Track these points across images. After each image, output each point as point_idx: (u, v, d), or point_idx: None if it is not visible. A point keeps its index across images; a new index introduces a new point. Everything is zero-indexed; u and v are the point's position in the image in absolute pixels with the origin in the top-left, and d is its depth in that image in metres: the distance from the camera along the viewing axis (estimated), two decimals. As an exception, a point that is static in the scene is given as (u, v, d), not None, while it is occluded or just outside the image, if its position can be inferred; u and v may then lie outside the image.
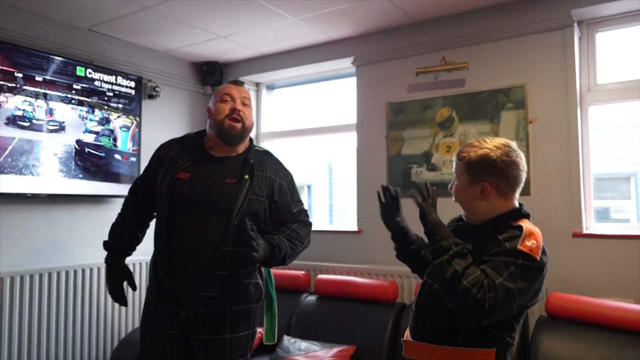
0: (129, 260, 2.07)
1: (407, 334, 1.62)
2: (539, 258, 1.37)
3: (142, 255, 3.11)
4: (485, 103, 3.03)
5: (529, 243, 1.38)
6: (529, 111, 2.90)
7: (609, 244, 2.68)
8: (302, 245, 1.92)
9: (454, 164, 1.57)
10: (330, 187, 12.35)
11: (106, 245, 2.03)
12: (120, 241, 2.02)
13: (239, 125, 1.88)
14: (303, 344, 2.91)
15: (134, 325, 3.41)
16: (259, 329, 2.03)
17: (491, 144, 1.49)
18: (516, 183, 1.50)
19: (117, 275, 2.01)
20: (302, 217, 1.98)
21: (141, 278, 3.45)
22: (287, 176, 1.99)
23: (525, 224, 1.44)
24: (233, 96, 1.90)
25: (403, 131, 3.31)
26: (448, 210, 1.80)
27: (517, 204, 1.53)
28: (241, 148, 1.95)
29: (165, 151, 1.96)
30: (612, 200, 9.27)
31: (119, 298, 2.01)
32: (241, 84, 1.98)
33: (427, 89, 3.23)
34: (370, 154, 3.45)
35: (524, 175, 1.51)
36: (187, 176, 1.85)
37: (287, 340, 2.98)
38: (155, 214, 2.00)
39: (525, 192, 2.84)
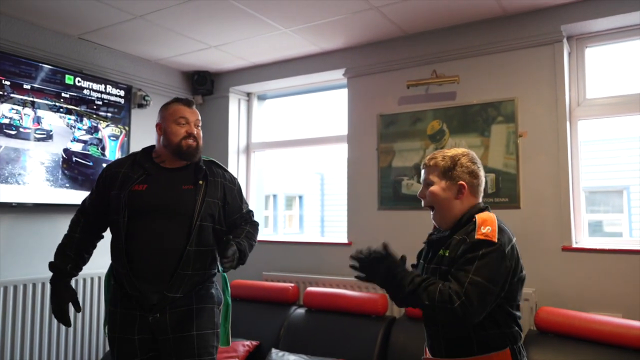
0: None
1: (426, 352, 1.69)
2: (496, 240, 1.48)
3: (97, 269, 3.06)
4: (475, 116, 3.04)
5: (484, 230, 1.51)
6: (519, 125, 2.91)
7: (599, 258, 2.68)
8: (254, 244, 2.09)
9: (424, 172, 1.71)
10: (322, 197, 12.34)
11: (52, 266, 2.04)
12: (66, 263, 2.03)
13: (194, 143, 2.02)
14: (292, 358, 2.88)
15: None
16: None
17: (458, 150, 1.68)
18: (481, 184, 1.68)
19: (62, 297, 2.02)
20: (251, 217, 2.18)
21: (100, 291, 3.34)
22: (234, 181, 2.17)
23: (480, 214, 1.58)
24: (188, 119, 2.02)
25: (394, 143, 3.30)
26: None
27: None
28: None
29: (115, 169, 2.05)
30: (604, 214, 9.34)
31: (63, 319, 2.03)
32: (192, 104, 2.07)
33: (418, 101, 3.24)
34: (361, 165, 3.44)
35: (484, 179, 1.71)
36: (144, 187, 1.96)
37: (276, 354, 2.94)
38: (102, 234, 2.12)
39: (515, 205, 2.87)
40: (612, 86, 2.97)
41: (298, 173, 11.23)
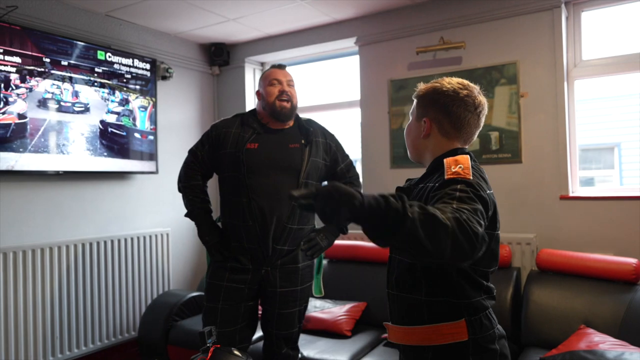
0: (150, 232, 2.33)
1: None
2: (470, 177, 1.19)
3: (161, 227, 3.43)
4: (480, 79, 3.28)
5: (454, 169, 1.22)
6: (521, 86, 3.16)
7: (592, 205, 2.98)
8: None
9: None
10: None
11: (192, 213, 2.24)
12: (205, 203, 2.25)
13: (288, 105, 2.20)
14: (318, 302, 3.20)
15: (159, 291, 3.69)
16: None
17: (446, 80, 1.37)
18: (461, 123, 1.34)
19: (215, 232, 2.22)
20: (352, 172, 2.37)
21: (163, 247, 3.72)
22: (333, 137, 2.37)
23: (449, 158, 1.28)
24: (280, 80, 2.21)
25: (404, 106, 3.56)
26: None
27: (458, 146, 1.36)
28: (291, 121, 2.28)
29: (225, 129, 2.24)
30: (597, 170, 9.65)
31: (223, 249, 2.19)
32: (284, 67, 2.28)
33: (426, 66, 3.47)
34: (374, 128, 3.70)
35: (474, 119, 1.35)
36: (256, 146, 2.16)
37: (303, 300, 3.27)
38: (207, 182, 2.31)
39: (517, 160, 3.15)
40: (607, 47, 3.21)
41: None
